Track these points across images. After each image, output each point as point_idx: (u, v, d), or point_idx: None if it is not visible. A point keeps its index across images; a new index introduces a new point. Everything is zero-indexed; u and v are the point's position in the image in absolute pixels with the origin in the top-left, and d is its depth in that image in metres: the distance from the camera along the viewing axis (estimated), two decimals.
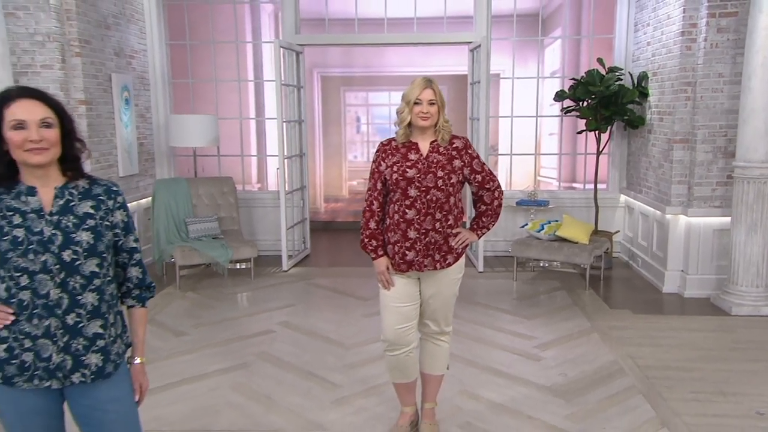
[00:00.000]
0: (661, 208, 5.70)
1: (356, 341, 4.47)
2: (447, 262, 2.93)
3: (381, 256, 2.96)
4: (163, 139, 6.84)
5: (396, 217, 2.89)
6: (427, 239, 2.87)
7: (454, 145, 2.92)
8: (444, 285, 2.97)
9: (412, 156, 2.89)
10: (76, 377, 1.88)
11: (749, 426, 3.30)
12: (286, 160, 6.41)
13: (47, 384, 1.86)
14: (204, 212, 6.44)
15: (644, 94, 6.10)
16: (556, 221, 6.09)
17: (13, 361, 1.84)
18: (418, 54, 9.40)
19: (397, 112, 2.94)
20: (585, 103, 6.21)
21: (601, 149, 6.41)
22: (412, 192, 2.84)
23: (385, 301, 2.99)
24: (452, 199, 2.90)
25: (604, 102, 6.06)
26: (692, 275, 5.47)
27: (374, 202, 2.97)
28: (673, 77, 5.51)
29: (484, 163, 3.01)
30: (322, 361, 4.16)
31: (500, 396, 3.64)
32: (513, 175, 7.82)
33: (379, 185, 2.95)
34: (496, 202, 3.01)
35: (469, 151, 2.95)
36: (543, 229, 5.95)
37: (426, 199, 2.84)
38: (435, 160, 2.87)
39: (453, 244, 2.92)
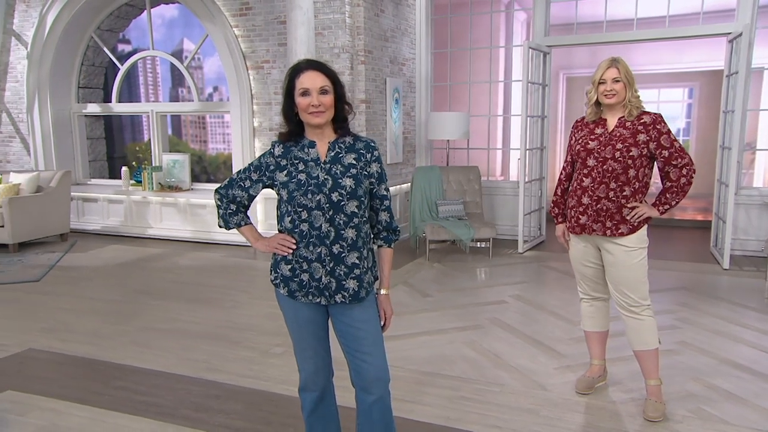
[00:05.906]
0: None
1: None
2: (619, 231, 2.72)
3: (560, 222, 3.01)
4: (423, 133, 7.14)
5: (575, 184, 2.85)
6: (598, 206, 2.74)
7: (641, 120, 2.70)
8: (620, 254, 2.74)
9: (598, 130, 2.78)
10: (338, 297, 2.01)
11: None
12: (527, 152, 6.22)
13: (318, 300, 2.02)
14: (452, 196, 6.57)
15: None
16: None
17: (295, 279, 2.03)
18: (667, 51, 8.35)
19: (585, 93, 2.80)
20: None
21: None
22: (591, 162, 2.75)
23: (571, 260, 3.02)
24: (631, 172, 2.68)
25: None
26: None
27: (563, 171, 3.00)
28: None
29: (675, 140, 2.67)
30: (549, 333, 3.94)
31: (741, 389, 3.04)
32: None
33: (568, 157, 2.94)
34: (683, 180, 2.66)
35: (658, 127, 2.66)
36: None
37: (602, 169, 2.71)
38: (618, 134, 2.71)
39: (626, 216, 2.67)
